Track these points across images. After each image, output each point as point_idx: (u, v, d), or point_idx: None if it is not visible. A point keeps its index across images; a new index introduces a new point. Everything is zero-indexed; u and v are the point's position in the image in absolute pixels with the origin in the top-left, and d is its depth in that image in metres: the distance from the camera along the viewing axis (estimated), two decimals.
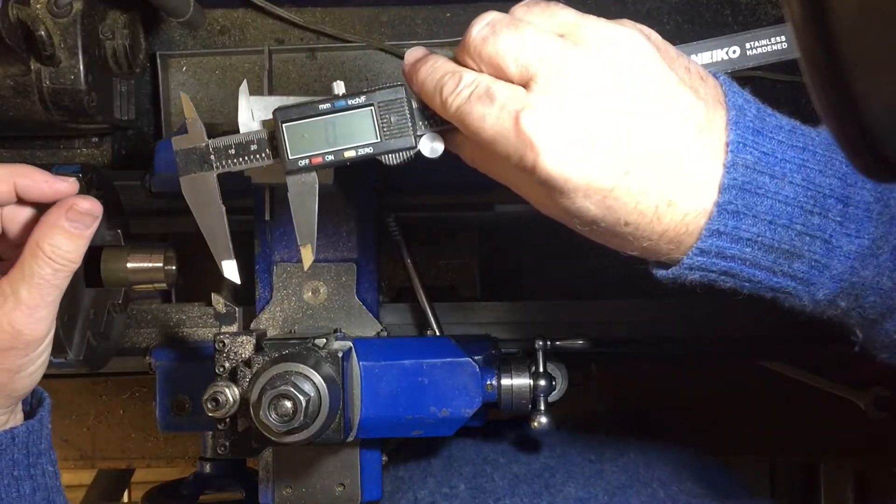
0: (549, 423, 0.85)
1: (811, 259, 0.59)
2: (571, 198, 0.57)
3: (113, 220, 0.82)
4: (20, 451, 0.70)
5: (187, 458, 1.56)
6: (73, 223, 0.67)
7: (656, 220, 0.57)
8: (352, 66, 1.09)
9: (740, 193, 0.57)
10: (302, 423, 0.69)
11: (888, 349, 0.64)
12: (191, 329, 0.94)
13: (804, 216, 0.58)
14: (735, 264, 0.59)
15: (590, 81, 0.56)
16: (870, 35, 0.35)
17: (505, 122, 0.57)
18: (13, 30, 0.84)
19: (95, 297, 0.81)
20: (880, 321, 0.62)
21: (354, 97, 0.64)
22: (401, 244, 0.96)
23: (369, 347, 0.83)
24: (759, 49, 0.65)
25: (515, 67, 0.57)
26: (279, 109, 0.65)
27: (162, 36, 1.07)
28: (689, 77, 0.58)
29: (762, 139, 0.58)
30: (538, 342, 0.87)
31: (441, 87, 0.60)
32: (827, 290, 0.60)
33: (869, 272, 0.59)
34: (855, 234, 0.59)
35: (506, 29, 0.58)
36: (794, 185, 0.58)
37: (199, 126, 0.67)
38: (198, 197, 0.68)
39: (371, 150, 0.64)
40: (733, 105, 0.58)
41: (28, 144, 1.04)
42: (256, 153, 0.66)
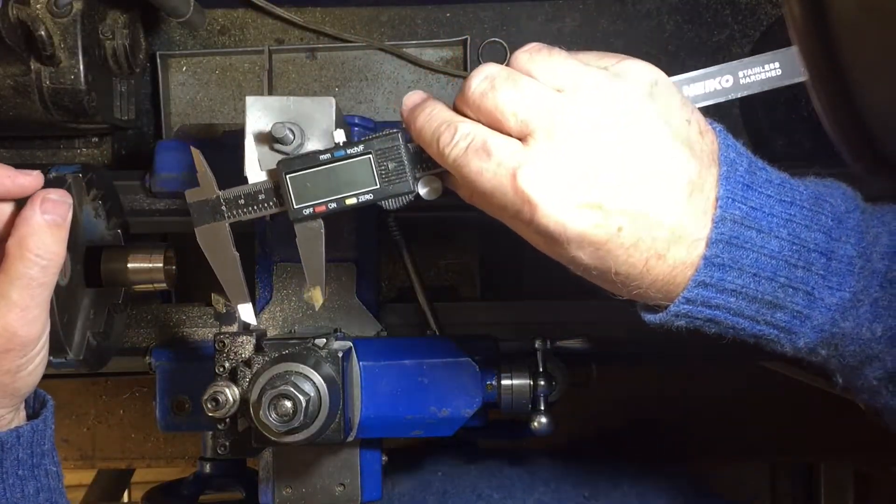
0: (549, 424, 0.85)
1: (793, 310, 0.61)
2: (566, 248, 0.59)
3: (113, 220, 0.82)
4: (25, 451, 0.70)
5: (187, 458, 1.56)
6: (50, 215, 0.66)
7: (646, 272, 0.59)
8: (352, 66, 1.09)
9: (727, 247, 0.59)
10: (302, 423, 0.69)
11: (868, 392, 0.66)
12: (191, 329, 0.94)
13: (788, 269, 0.60)
14: (720, 313, 0.61)
15: (587, 139, 0.57)
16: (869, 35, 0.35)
17: (502, 177, 0.58)
18: (13, 30, 0.84)
19: (95, 297, 0.81)
20: (860, 368, 0.63)
21: (353, 146, 0.66)
22: (401, 244, 0.96)
23: (369, 347, 0.83)
24: (752, 77, 0.65)
25: (514, 122, 0.58)
26: (282, 161, 0.67)
27: (162, 36, 1.07)
28: (688, 131, 0.59)
29: (751, 194, 0.59)
30: (538, 342, 0.87)
31: (438, 137, 0.61)
32: (808, 339, 0.62)
33: (849, 323, 0.61)
34: (837, 287, 0.60)
35: (504, 84, 0.59)
36: (780, 239, 0.60)
37: (210, 178, 0.70)
38: (212, 245, 0.70)
39: (371, 196, 0.67)
40: (725, 160, 0.60)
41: (28, 144, 1.04)
42: (264, 202, 0.69)
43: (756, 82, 0.65)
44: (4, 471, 0.69)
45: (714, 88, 0.66)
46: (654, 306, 0.63)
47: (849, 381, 0.66)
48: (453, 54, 1.11)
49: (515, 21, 1.10)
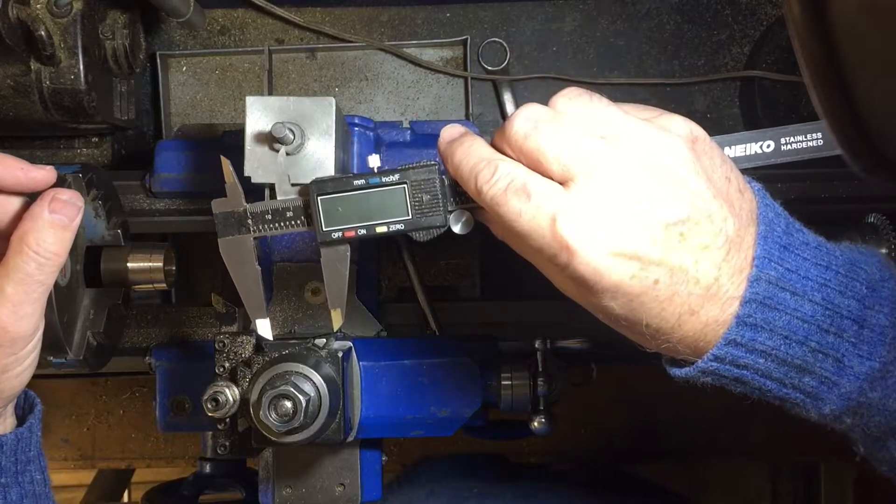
0: (549, 424, 0.85)
1: (822, 376, 0.60)
2: (599, 297, 0.58)
3: (113, 220, 0.82)
4: (8, 459, 0.70)
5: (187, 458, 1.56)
6: (57, 214, 0.66)
7: (677, 327, 0.58)
8: (352, 66, 1.09)
9: (760, 308, 0.58)
10: (302, 423, 0.69)
11: (889, 464, 0.65)
12: (191, 329, 0.95)
13: (820, 334, 0.59)
14: (747, 373, 0.60)
15: (628, 188, 0.56)
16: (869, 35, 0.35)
17: (542, 221, 0.57)
18: (13, 30, 0.84)
19: (95, 297, 0.81)
20: (883, 439, 0.63)
21: (389, 175, 0.65)
22: (401, 244, 0.96)
23: (369, 347, 0.83)
24: (794, 144, 0.65)
25: (557, 166, 0.57)
26: (315, 182, 0.66)
27: (162, 36, 1.07)
28: (727, 188, 0.59)
29: (788, 255, 0.59)
30: (538, 342, 0.87)
31: (477, 175, 0.60)
32: (834, 406, 0.61)
33: (877, 394, 0.60)
34: (867, 356, 0.60)
35: (548, 126, 0.58)
36: (814, 303, 0.59)
37: (238, 190, 0.68)
38: (234, 257, 0.69)
39: (403, 226, 0.66)
40: (764, 219, 0.59)
41: (28, 144, 1.04)
42: (292, 220, 0.68)
43: (797, 150, 0.65)
44: None
45: (755, 152, 0.66)
46: (681, 360, 0.62)
47: (871, 452, 0.65)
48: (453, 54, 1.11)
49: (515, 21, 1.10)
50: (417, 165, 0.65)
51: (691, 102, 1.11)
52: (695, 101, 1.11)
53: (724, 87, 1.11)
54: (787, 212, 0.61)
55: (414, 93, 1.11)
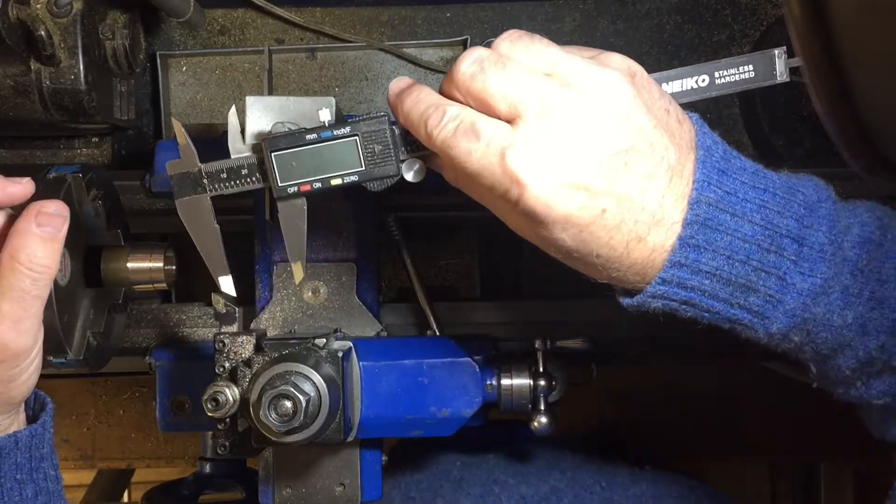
0: (549, 424, 0.85)
1: (766, 294, 0.62)
2: (550, 229, 0.60)
3: (113, 220, 0.82)
4: (23, 455, 0.70)
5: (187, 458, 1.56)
6: (44, 227, 0.65)
7: (626, 254, 0.61)
8: (352, 66, 1.09)
9: (702, 229, 0.60)
10: (302, 423, 0.69)
11: (842, 384, 0.68)
12: (191, 329, 0.94)
13: (761, 253, 0.61)
14: (694, 294, 0.62)
15: (574, 122, 0.59)
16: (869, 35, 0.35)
17: (491, 157, 0.59)
18: (13, 30, 0.84)
19: (95, 297, 0.81)
20: (832, 357, 0.65)
21: (340, 127, 0.67)
22: (401, 244, 0.96)
23: (369, 347, 0.83)
24: (727, 78, 0.67)
25: (503, 105, 0.59)
26: (268, 139, 0.67)
27: (162, 36, 1.07)
28: (667, 119, 0.61)
29: (726, 179, 0.61)
30: (538, 342, 0.87)
31: (426, 120, 0.62)
32: (780, 325, 0.63)
33: (820, 309, 0.62)
34: (808, 273, 0.62)
35: (494, 67, 0.60)
36: (753, 223, 0.61)
37: (192, 151, 0.69)
38: (193, 218, 0.70)
39: (356, 177, 0.67)
40: (702, 145, 0.62)
41: (28, 144, 1.04)
42: (247, 177, 0.69)
43: (731, 83, 0.67)
44: (3, 475, 0.69)
45: (690, 87, 0.68)
46: (631, 291, 0.64)
47: (823, 373, 0.68)
48: (453, 54, 1.11)
49: (515, 21, 1.10)
50: (367, 117, 0.67)
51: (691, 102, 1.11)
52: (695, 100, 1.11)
53: None
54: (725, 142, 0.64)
55: None
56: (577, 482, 0.98)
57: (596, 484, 0.98)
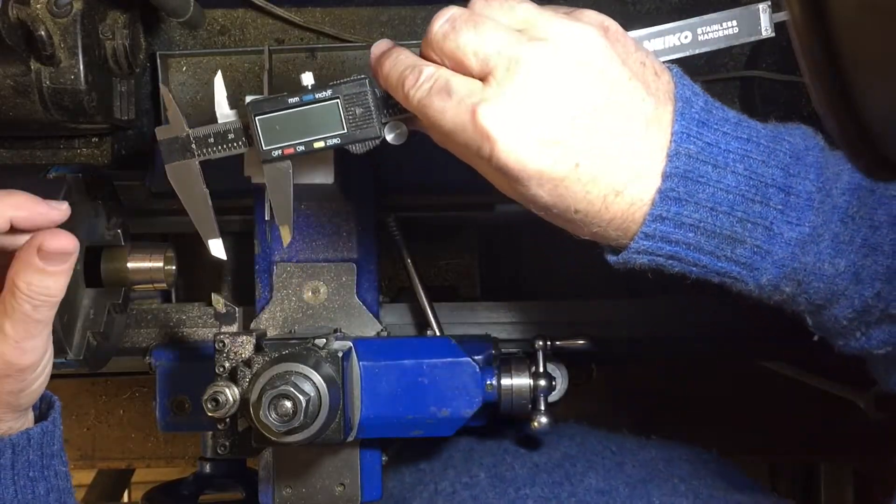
0: (549, 423, 0.85)
1: (753, 245, 0.61)
2: (526, 185, 0.60)
3: (113, 220, 0.82)
4: (35, 453, 0.71)
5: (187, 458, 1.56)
6: (47, 262, 0.64)
7: (604, 209, 0.60)
8: (352, 66, 1.09)
9: (682, 181, 0.60)
10: (302, 423, 0.69)
11: (841, 335, 0.66)
12: (191, 329, 0.95)
13: (745, 204, 0.61)
14: (679, 248, 0.62)
15: (545, 77, 0.58)
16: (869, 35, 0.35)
17: (463, 114, 0.59)
18: (13, 30, 0.84)
19: (95, 297, 0.81)
20: (827, 307, 0.64)
21: (321, 90, 0.68)
22: (401, 244, 0.96)
23: (369, 347, 0.83)
24: (710, 34, 0.67)
25: (475, 61, 0.59)
26: (252, 102, 0.69)
27: (162, 36, 1.07)
28: (643, 71, 0.61)
29: (706, 130, 0.60)
30: (538, 342, 0.87)
31: (403, 81, 0.62)
32: (770, 276, 0.62)
33: (810, 258, 0.62)
34: (796, 222, 0.61)
35: (465, 25, 0.60)
36: (737, 174, 0.60)
37: (179, 116, 0.70)
38: (182, 182, 0.71)
39: (339, 140, 0.68)
40: (681, 97, 0.61)
41: (28, 144, 1.04)
42: (234, 142, 0.71)
43: (713, 39, 0.67)
44: (16, 473, 0.69)
45: (673, 44, 0.68)
46: (616, 248, 0.64)
47: (820, 324, 0.66)
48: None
49: None
50: (349, 80, 0.67)
51: None
52: None
53: (724, 87, 1.11)
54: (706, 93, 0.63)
55: None
56: (587, 448, 0.98)
57: (606, 450, 0.98)
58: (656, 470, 0.95)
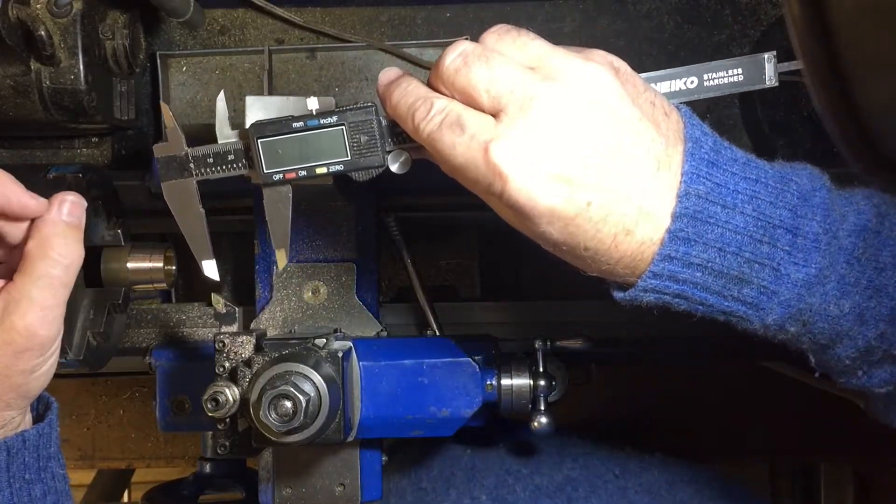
0: (550, 424, 0.85)
1: (760, 285, 0.62)
2: (536, 223, 0.60)
3: (113, 220, 0.82)
4: (31, 455, 0.70)
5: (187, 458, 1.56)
6: (72, 216, 0.68)
7: (614, 248, 0.60)
8: (352, 66, 1.09)
9: (692, 222, 0.60)
10: (302, 423, 0.69)
11: (843, 374, 0.67)
12: (191, 329, 0.95)
13: (753, 245, 0.61)
14: (687, 287, 0.62)
15: (557, 115, 0.59)
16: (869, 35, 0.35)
17: (475, 151, 0.59)
18: (13, 30, 0.84)
19: (95, 297, 0.81)
20: (831, 346, 0.64)
21: (326, 116, 0.67)
22: (401, 244, 0.96)
23: (369, 347, 0.83)
24: (715, 80, 0.68)
25: (487, 98, 0.60)
26: (254, 125, 0.68)
27: (162, 36, 1.07)
28: (652, 111, 0.61)
29: (716, 171, 0.61)
30: (538, 342, 0.86)
31: (413, 113, 0.62)
32: (776, 316, 0.63)
33: (816, 299, 0.62)
34: (802, 263, 0.61)
35: (478, 60, 0.60)
36: (745, 215, 0.61)
37: (179, 134, 0.70)
38: (178, 201, 0.70)
39: (342, 167, 0.67)
40: (690, 137, 0.61)
41: (28, 144, 1.04)
42: (233, 163, 0.69)
43: (719, 86, 0.68)
44: (11, 475, 0.69)
45: (679, 88, 0.68)
46: (623, 285, 0.64)
47: (822, 363, 0.67)
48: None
49: (515, 21, 1.10)
50: (355, 107, 0.67)
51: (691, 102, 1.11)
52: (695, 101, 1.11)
53: None
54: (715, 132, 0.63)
55: None
56: (590, 470, 0.98)
57: (609, 472, 0.98)
58: (659, 496, 0.95)
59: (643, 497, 0.94)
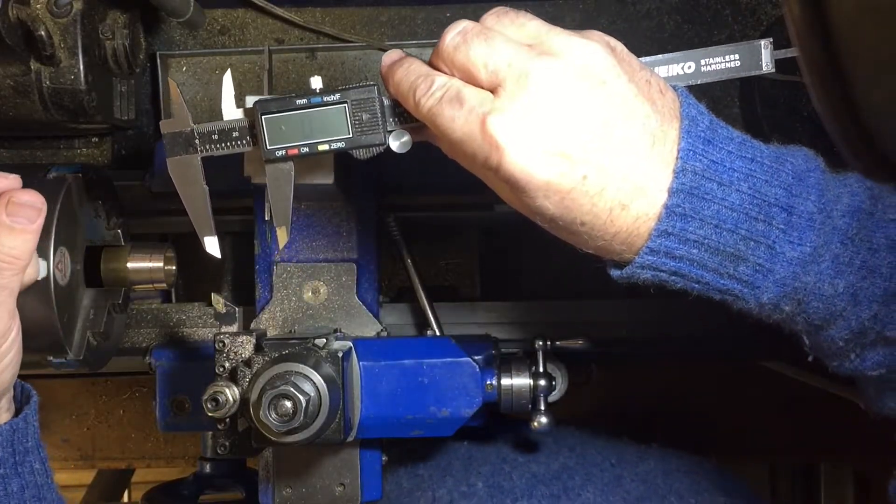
0: (549, 423, 0.85)
1: (755, 263, 0.62)
2: (532, 196, 0.60)
3: (113, 220, 0.83)
4: (6, 450, 0.70)
5: (187, 458, 1.56)
6: (14, 218, 0.65)
7: (610, 222, 0.61)
8: (352, 66, 1.09)
9: (688, 198, 0.60)
10: (302, 423, 0.69)
11: (836, 356, 0.67)
12: (191, 329, 0.95)
13: (749, 222, 0.61)
14: (683, 265, 0.63)
15: (554, 89, 0.59)
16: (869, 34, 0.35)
17: (472, 123, 0.60)
18: (13, 30, 0.84)
19: (95, 297, 0.81)
20: (825, 327, 0.65)
21: (329, 94, 0.68)
22: (401, 244, 0.96)
23: (369, 347, 0.83)
24: (713, 66, 0.68)
25: (485, 73, 0.61)
26: (259, 101, 0.69)
27: (162, 36, 1.07)
28: (648, 89, 0.62)
29: (712, 148, 0.61)
30: (538, 342, 0.87)
31: (415, 89, 0.63)
32: (771, 294, 0.63)
33: (810, 278, 0.62)
34: (797, 242, 0.62)
35: (477, 37, 0.61)
36: (741, 192, 0.61)
37: (185, 111, 0.70)
38: (183, 177, 0.71)
39: (343, 144, 0.68)
40: (686, 115, 0.62)
41: (28, 144, 1.04)
42: (238, 140, 0.70)
43: (716, 71, 0.68)
44: None
45: (676, 73, 0.69)
46: (620, 263, 0.64)
47: (816, 344, 0.67)
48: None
49: None
50: (357, 86, 0.68)
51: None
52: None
53: (724, 87, 1.11)
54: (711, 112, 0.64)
55: None
56: (586, 459, 0.98)
57: (605, 461, 0.98)
58: (654, 485, 0.95)
59: (639, 486, 0.94)
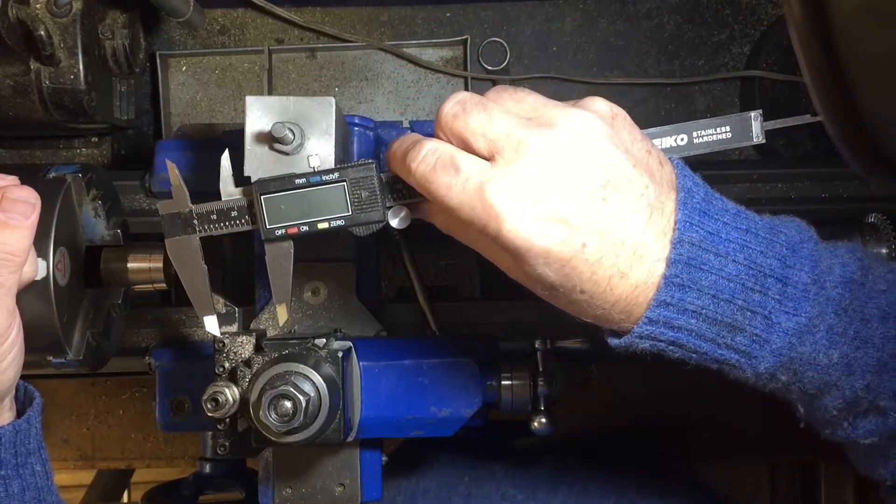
0: (549, 424, 0.85)
1: (752, 333, 0.62)
2: (532, 264, 0.60)
3: (113, 220, 0.83)
4: (7, 452, 0.70)
5: (187, 458, 1.56)
6: (8, 213, 0.66)
7: (609, 291, 0.61)
8: (352, 65, 1.10)
9: (686, 268, 0.61)
10: (302, 423, 0.69)
11: (829, 425, 0.69)
12: (191, 329, 0.94)
13: (745, 293, 0.62)
14: (682, 335, 0.63)
15: (552, 158, 0.60)
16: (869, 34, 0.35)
17: (470, 191, 0.60)
18: (13, 30, 0.84)
19: (95, 297, 0.81)
20: (819, 396, 0.66)
21: (328, 173, 0.68)
22: (401, 244, 0.96)
23: (369, 347, 0.83)
24: (704, 138, 0.70)
25: (483, 142, 0.61)
26: (258, 182, 0.69)
27: (162, 36, 1.08)
28: (648, 159, 0.62)
29: (708, 220, 0.62)
30: (538, 342, 0.86)
31: (407, 154, 0.64)
32: (768, 364, 0.64)
33: (806, 348, 0.63)
34: (793, 312, 0.62)
35: (475, 108, 0.62)
36: (737, 263, 0.62)
37: (184, 192, 0.71)
38: (181, 257, 0.71)
39: (343, 222, 0.69)
40: (683, 187, 0.62)
41: (28, 144, 1.04)
42: (237, 219, 0.71)
43: (708, 143, 0.70)
44: None
45: (669, 145, 0.70)
46: (618, 332, 0.65)
47: (810, 413, 0.69)
48: (453, 54, 1.11)
49: (515, 21, 1.10)
50: (356, 164, 0.68)
51: (691, 102, 1.12)
52: (695, 101, 1.12)
53: (725, 87, 1.11)
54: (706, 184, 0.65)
55: (414, 93, 1.11)
56: (587, 497, 0.98)
57: (605, 500, 0.98)
58: None
59: None
